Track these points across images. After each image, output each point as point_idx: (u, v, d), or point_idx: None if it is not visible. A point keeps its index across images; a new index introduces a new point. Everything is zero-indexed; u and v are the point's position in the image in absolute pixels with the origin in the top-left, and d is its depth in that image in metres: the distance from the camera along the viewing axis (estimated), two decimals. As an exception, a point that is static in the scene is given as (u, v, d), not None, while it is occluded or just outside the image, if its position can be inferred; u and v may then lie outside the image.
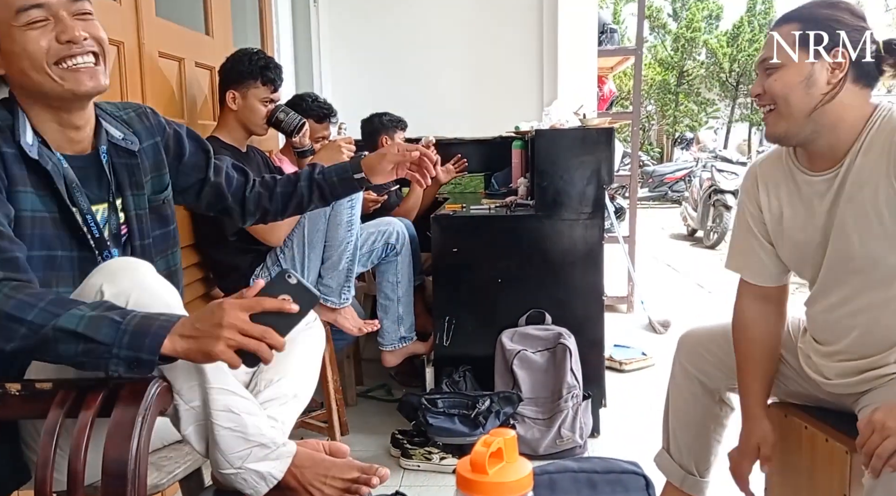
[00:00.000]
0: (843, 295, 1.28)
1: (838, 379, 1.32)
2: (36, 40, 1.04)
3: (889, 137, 1.16)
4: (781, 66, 1.21)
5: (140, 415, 0.94)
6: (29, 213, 1.06)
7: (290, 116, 2.22)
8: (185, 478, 1.29)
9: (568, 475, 1.16)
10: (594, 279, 2.38)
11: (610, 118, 2.85)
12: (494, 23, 3.67)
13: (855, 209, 1.21)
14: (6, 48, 1.05)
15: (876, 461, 1.05)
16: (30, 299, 0.92)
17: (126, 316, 0.93)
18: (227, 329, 0.92)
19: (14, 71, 1.07)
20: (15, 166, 1.04)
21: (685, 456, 1.58)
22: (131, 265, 1.04)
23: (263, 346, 0.93)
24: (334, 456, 1.17)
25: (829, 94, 1.20)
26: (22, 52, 1.04)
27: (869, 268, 1.22)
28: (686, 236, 8.25)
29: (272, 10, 3.23)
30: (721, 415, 1.55)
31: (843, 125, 1.21)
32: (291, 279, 0.96)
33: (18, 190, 1.05)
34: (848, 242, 1.23)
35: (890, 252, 1.19)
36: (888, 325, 1.24)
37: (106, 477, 0.92)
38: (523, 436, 2.19)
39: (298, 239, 2.17)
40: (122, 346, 0.90)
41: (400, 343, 2.54)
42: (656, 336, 3.71)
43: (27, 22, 1.04)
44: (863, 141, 1.20)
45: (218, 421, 1.05)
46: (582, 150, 2.34)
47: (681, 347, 1.59)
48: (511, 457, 0.80)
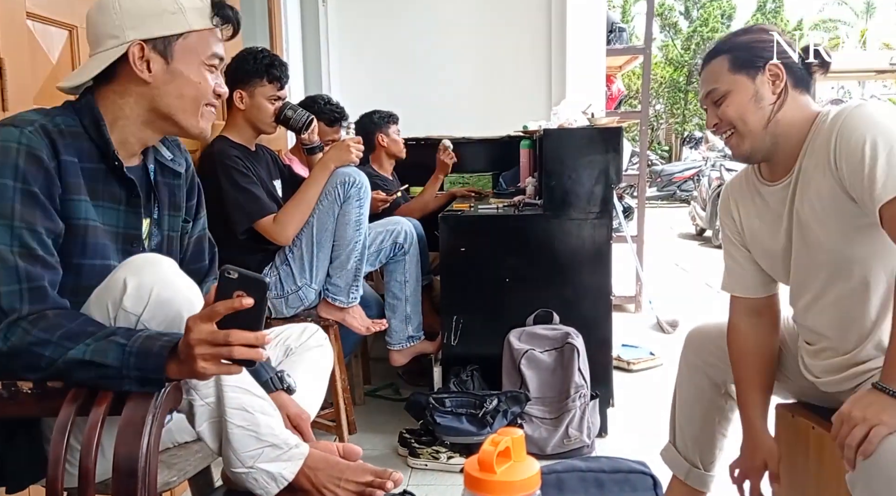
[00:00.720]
0: (815, 292, 1.33)
1: (826, 376, 1.35)
2: (208, 81, 1.16)
3: (828, 136, 1.22)
4: (728, 92, 1.31)
5: (150, 413, 0.95)
6: (83, 222, 1.07)
7: (299, 113, 2.22)
8: (194, 477, 1.30)
9: (575, 474, 1.17)
10: (602, 279, 2.38)
11: (618, 117, 2.84)
12: (503, 22, 3.67)
13: (807, 208, 1.27)
14: (177, 68, 1.12)
15: (848, 451, 1.08)
16: (45, 334, 0.96)
17: (131, 337, 0.96)
18: (197, 346, 0.92)
19: (168, 88, 1.13)
20: (72, 175, 1.06)
21: (690, 449, 1.59)
22: (155, 260, 1.06)
23: (236, 348, 0.93)
24: (347, 458, 1.17)
25: (777, 103, 1.29)
26: (194, 82, 1.14)
27: (830, 262, 1.27)
28: (695, 236, 8.21)
29: (281, 11, 3.24)
30: (726, 409, 1.57)
31: (793, 131, 1.29)
32: (232, 274, 0.94)
33: (73, 199, 1.06)
34: (807, 241, 1.29)
35: (844, 244, 1.25)
36: (858, 316, 1.28)
37: (117, 474, 0.93)
38: (531, 435, 2.19)
39: (307, 238, 2.18)
40: (131, 367, 0.94)
41: (408, 342, 2.54)
42: (664, 336, 3.70)
43: (210, 63, 1.16)
44: (808, 143, 1.28)
45: (231, 419, 1.06)
46: (590, 149, 2.33)
47: (688, 342, 1.62)
48: (519, 457, 0.80)
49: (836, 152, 1.20)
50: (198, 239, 1.36)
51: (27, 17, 1.45)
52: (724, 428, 1.59)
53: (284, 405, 1.23)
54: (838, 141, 1.19)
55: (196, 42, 1.13)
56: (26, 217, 0.99)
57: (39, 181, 1.01)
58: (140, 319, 1.01)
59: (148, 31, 1.10)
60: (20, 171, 0.99)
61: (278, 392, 1.25)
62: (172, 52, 1.12)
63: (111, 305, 1.02)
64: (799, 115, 1.29)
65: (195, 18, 1.12)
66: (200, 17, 1.13)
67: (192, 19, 1.12)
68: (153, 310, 1.01)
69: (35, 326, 0.96)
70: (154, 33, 1.10)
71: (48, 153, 1.02)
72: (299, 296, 2.20)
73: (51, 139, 1.03)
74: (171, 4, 1.10)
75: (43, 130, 1.03)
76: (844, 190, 1.20)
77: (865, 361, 1.28)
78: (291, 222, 2.12)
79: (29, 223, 0.99)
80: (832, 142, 1.21)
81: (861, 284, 1.26)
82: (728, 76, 1.30)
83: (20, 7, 1.43)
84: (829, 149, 1.21)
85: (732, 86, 1.30)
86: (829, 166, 1.21)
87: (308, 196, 2.14)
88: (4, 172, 0.99)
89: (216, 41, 1.16)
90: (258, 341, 0.94)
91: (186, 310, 1.02)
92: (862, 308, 1.27)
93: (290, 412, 1.24)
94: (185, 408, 1.08)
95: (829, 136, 1.22)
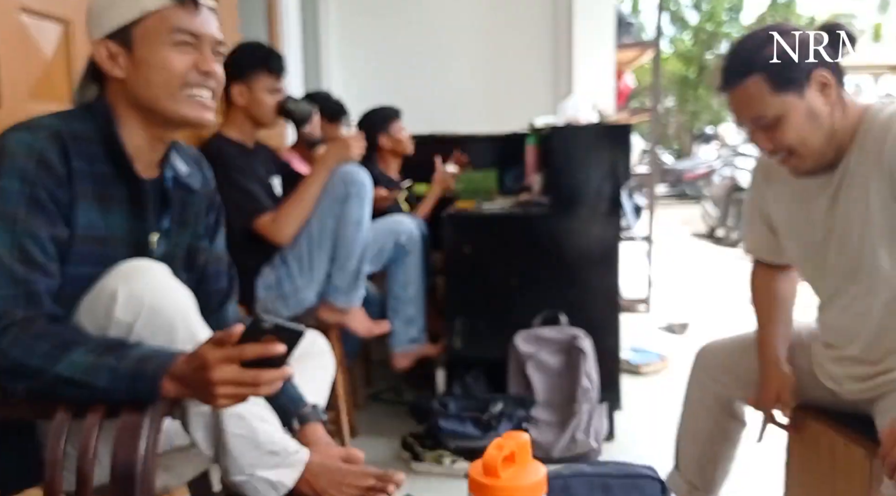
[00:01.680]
0: (850, 298, 1.28)
1: (850, 384, 1.32)
2: (179, 61, 1.07)
3: (881, 138, 1.15)
4: (780, 117, 1.19)
5: (148, 416, 0.95)
6: (88, 230, 1.06)
7: (301, 105, 2.22)
8: (192, 481, 1.29)
9: (582, 479, 1.17)
10: (610, 279, 2.35)
11: (628, 113, 2.79)
12: (508, 16, 3.64)
13: (852, 210, 1.21)
14: (140, 55, 1.06)
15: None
16: (33, 342, 0.94)
17: (122, 359, 0.94)
18: (219, 386, 0.91)
19: (137, 79, 1.07)
20: (80, 182, 1.04)
21: (692, 470, 1.57)
22: (146, 267, 1.04)
23: (261, 389, 0.93)
24: (349, 462, 1.17)
25: (833, 113, 1.20)
26: (159, 66, 1.06)
27: (871, 270, 1.22)
28: (706, 235, 8.15)
29: (280, 6, 3.22)
30: (731, 430, 1.54)
31: (848, 133, 1.22)
32: (267, 323, 0.91)
33: (79, 205, 1.05)
34: (848, 244, 1.23)
35: (882, 256, 1.18)
36: (892, 327, 1.23)
37: (114, 478, 0.93)
38: (537, 439, 2.16)
39: (307, 238, 2.14)
40: (122, 390, 0.94)
41: (411, 345, 2.50)
42: (674, 338, 3.65)
43: (177, 42, 1.07)
44: (857, 142, 1.20)
45: (228, 427, 1.05)
46: (598, 146, 2.31)
47: (698, 358, 1.59)
48: (524, 461, 0.79)
49: (891, 159, 1.14)
50: (217, 259, 1.33)
51: (21, 12, 1.44)
52: (728, 450, 1.55)
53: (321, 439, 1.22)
54: (892, 148, 1.13)
55: (156, 23, 1.06)
56: (30, 222, 0.98)
57: (48, 187, 1.00)
58: (133, 328, 0.99)
59: (107, 26, 1.07)
60: (29, 176, 0.99)
61: (315, 424, 1.23)
62: (132, 41, 1.06)
63: (103, 314, 1.00)
64: (851, 114, 1.21)
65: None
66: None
67: (146, 0, 1.06)
68: (146, 319, 0.99)
69: (25, 332, 0.95)
70: (112, 26, 1.06)
71: (59, 159, 1.02)
72: (298, 297, 2.16)
73: (63, 144, 1.03)
74: None
75: (56, 136, 1.03)
76: None
77: (891, 371, 1.24)
78: (291, 221, 2.08)
79: (32, 228, 0.99)
80: (887, 144, 1.14)
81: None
82: (772, 99, 1.18)
83: (13, 1, 1.43)
84: (883, 151, 1.14)
85: (782, 109, 1.18)
86: (882, 170, 1.15)
87: (308, 194, 2.10)
88: (13, 176, 0.98)
89: (182, 16, 1.07)
90: (284, 377, 0.95)
91: (180, 319, 1.01)
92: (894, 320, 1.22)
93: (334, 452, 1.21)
94: (178, 415, 1.06)
95: (883, 137, 1.15)
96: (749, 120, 1.23)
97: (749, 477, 1.45)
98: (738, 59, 1.22)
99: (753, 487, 1.46)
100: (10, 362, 0.93)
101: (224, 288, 1.34)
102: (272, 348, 0.90)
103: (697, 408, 1.56)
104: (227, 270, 1.36)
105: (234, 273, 1.38)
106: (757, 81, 1.18)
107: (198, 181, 1.26)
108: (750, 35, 1.25)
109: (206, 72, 1.09)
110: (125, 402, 0.95)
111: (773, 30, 1.22)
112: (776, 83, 1.17)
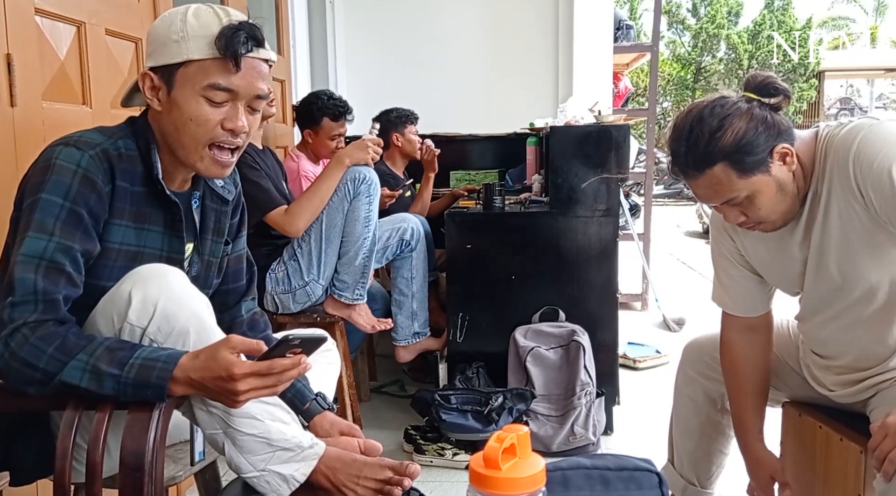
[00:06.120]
0: (833, 313, 1.29)
1: (839, 389, 1.34)
2: (206, 116, 1.07)
3: (843, 161, 1.15)
4: (751, 195, 1.19)
5: (157, 407, 0.96)
6: (117, 246, 1.08)
7: None
8: (200, 471, 1.30)
9: (581, 472, 1.14)
10: (608, 276, 2.37)
11: (625, 115, 2.83)
12: (510, 20, 3.66)
13: (829, 234, 1.22)
14: (176, 97, 1.07)
15: (888, 465, 1.05)
16: (41, 343, 0.95)
17: (124, 366, 0.94)
18: (243, 395, 0.95)
19: (170, 118, 1.09)
20: (120, 200, 1.06)
21: (686, 465, 1.57)
22: (161, 271, 1.05)
23: (279, 388, 0.98)
24: (367, 453, 1.17)
25: (796, 174, 1.21)
26: (189, 116, 1.07)
27: (853, 286, 1.23)
28: (701, 234, 8.17)
29: (288, 8, 3.24)
30: (722, 423, 1.54)
31: (801, 176, 1.22)
32: (295, 341, 0.97)
33: (114, 223, 1.07)
34: (826, 266, 1.24)
35: (871, 269, 1.19)
36: (880, 337, 1.25)
37: (123, 468, 0.94)
38: (536, 432, 2.19)
39: (316, 233, 2.18)
40: (128, 396, 0.95)
41: (413, 339, 2.54)
42: (671, 334, 3.69)
43: (210, 96, 1.06)
44: (817, 168, 1.21)
45: (240, 427, 1.04)
46: (597, 146, 2.33)
47: (685, 355, 1.59)
48: (524, 454, 0.80)
49: (857, 178, 1.14)
50: (237, 258, 1.34)
51: (35, 13, 1.44)
52: (720, 444, 1.56)
53: (335, 423, 1.25)
54: (858, 167, 1.13)
55: (196, 72, 1.06)
56: (65, 234, 1.00)
57: (89, 204, 1.02)
58: (146, 333, 1.00)
59: (156, 59, 1.08)
60: (72, 192, 1.00)
61: (324, 412, 1.26)
62: (173, 81, 1.07)
63: (116, 318, 1.01)
64: (806, 153, 1.21)
65: (196, 47, 1.05)
66: (204, 46, 1.05)
67: (193, 48, 1.05)
68: (159, 323, 1.00)
69: (34, 333, 0.95)
70: (160, 61, 1.07)
71: (104, 178, 1.04)
72: (306, 291, 2.20)
73: (110, 164, 1.05)
74: (177, 32, 1.05)
75: (104, 155, 1.05)
76: (873, 215, 1.15)
77: (882, 373, 1.26)
78: (303, 214, 2.12)
79: (66, 241, 1.00)
80: (850, 167, 1.14)
81: (886, 306, 1.22)
82: (741, 182, 1.17)
83: (28, 3, 1.42)
84: (849, 174, 1.15)
85: (752, 188, 1.18)
86: (853, 192, 1.15)
87: (322, 190, 2.15)
88: (57, 191, 1.00)
89: (221, 71, 1.05)
90: (301, 373, 0.98)
91: (193, 325, 1.01)
92: (884, 329, 1.24)
93: (341, 429, 1.24)
94: (184, 409, 1.06)
95: (845, 160, 1.15)
96: (720, 202, 1.23)
97: (744, 471, 1.47)
98: (697, 150, 1.19)
99: (748, 481, 1.48)
100: (20, 363, 0.94)
101: (242, 286, 1.36)
102: (303, 367, 0.97)
103: (687, 403, 1.56)
104: (248, 268, 1.38)
105: (253, 271, 1.39)
106: (721, 169, 1.17)
107: (231, 190, 1.28)
108: (696, 122, 1.19)
109: (231, 130, 1.08)
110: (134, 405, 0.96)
111: (707, 105, 1.20)
112: (740, 168, 1.16)
